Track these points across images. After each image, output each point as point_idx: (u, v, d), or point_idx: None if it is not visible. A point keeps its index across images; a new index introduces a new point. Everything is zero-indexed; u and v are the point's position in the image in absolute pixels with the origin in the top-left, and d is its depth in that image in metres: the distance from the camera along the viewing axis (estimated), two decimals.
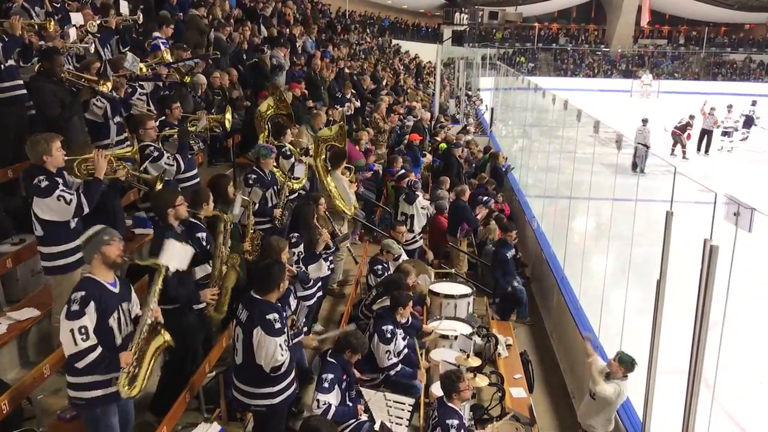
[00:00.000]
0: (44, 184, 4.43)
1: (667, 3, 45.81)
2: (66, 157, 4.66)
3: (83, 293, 3.59)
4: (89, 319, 3.57)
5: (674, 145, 20.59)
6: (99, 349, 3.60)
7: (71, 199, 4.49)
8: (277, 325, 4.24)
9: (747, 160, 20.34)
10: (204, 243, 5.02)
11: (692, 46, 48.04)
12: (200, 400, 5.01)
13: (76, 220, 4.66)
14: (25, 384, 4.16)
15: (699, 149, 21.18)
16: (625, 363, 5.94)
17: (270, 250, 5.09)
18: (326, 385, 4.78)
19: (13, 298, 5.25)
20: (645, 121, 18.48)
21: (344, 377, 4.95)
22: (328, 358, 4.99)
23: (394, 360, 5.82)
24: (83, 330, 3.56)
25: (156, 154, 5.78)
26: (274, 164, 7.11)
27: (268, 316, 4.22)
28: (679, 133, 20.41)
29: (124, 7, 7.96)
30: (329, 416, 4.72)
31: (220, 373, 4.99)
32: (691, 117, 20.61)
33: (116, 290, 3.78)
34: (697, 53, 47.36)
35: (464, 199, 9.94)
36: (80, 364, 3.59)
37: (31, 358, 4.97)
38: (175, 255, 4.25)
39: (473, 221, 9.86)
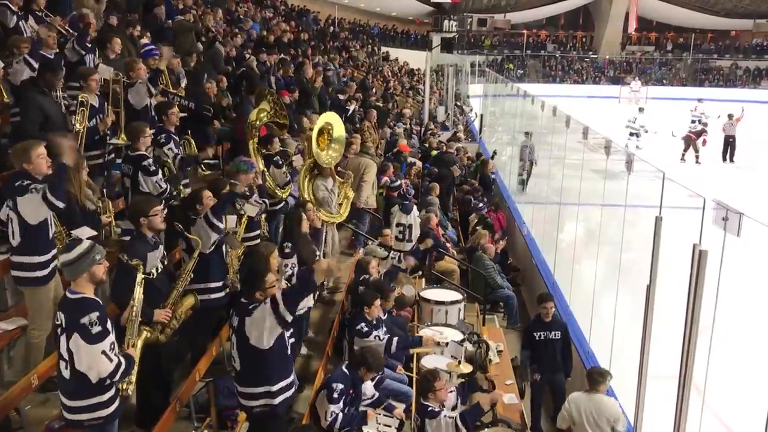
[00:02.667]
0: (25, 183, 4.38)
1: (655, 10, 46.16)
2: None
3: (97, 313, 3.55)
4: (113, 335, 3.61)
5: (685, 150, 20.57)
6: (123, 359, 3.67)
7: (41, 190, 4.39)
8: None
9: (736, 165, 20.47)
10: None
11: (679, 53, 48.42)
12: (191, 410, 4.98)
13: (53, 231, 4.61)
14: (13, 394, 4.10)
15: (725, 158, 20.86)
16: (595, 375, 5.99)
17: (258, 256, 5.07)
18: (335, 395, 4.82)
19: (1, 308, 5.20)
20: (528, 134, 15.57)
21: (351, 391, 4.94)
22: (343, 369, 5.04)
23: (381, 340, 5.83)
24: (113, 346, 3.59)
25: (152, 169, 5.76)
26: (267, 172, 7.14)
27: (249, 307, 4.27)
28: (694, 137, 20.37)
29: (107, 72, 7.03)
30: (336, 426, 4.82)
31: (210, 382, 4.97)
32: (705, 124, 20.61)
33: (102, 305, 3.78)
34: (684, 59, 47.72)
35: (431, 226, 9.73)
36: (116, 378, 3.63)
37: (20, 367, 4.91)
38: None
39: (442, 246, 9.80)
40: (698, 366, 4.77)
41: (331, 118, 8.02)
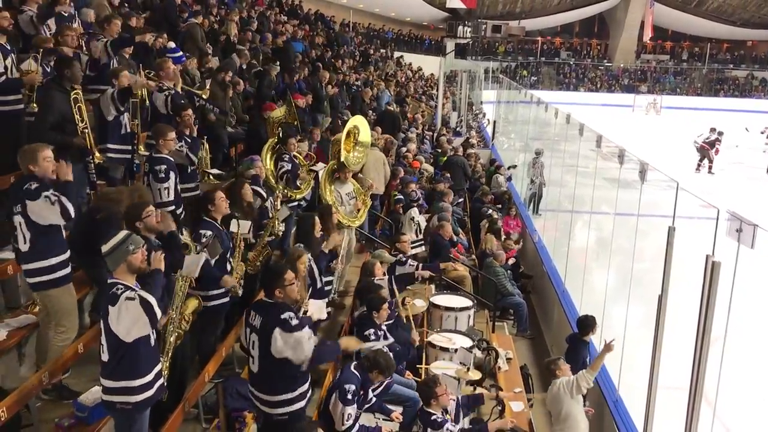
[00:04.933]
0: (33, 186, 4.36)
1: (670, 19, 45.98)
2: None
3: (124, 288, 3.65)
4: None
5: (701, 160, 20.73)
6: None
7: (55, 201, 4.39)
8: (294, 322, 4.16)
9: (750, 176, 20.35)
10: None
11: (694, 62, 48.20)
12: (199, 411, 4.99)
13: (63, 233, 4.61)
14: (23, 391, 4.13)
15: None
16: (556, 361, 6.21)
17: (286, 259, 5.08)
18: (349, 396, 4.74)
19: (13, 305, 5.24)
20: (539, 153, 14.74)
21: (361, 392, 4.93)
22: (353, 370, 4.96)
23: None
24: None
25: (161, 176, 5.74)
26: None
27: (282, 315, 4.15)
28: (707, 147, 20.56)
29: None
30: (354, 429, 4.78)
31: (219, 383, 4.98)
32: (720, 133, 20.73)
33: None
34: (699, 69, 47.51)
35: (442, 233, 9.44)
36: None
37: (30, 365, 4.95)
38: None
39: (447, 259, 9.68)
40: (709, 377, 4.74)
41: (358, 121, 8.11)
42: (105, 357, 3.74)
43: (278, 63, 11.68)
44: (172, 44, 8.80)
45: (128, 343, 3.65)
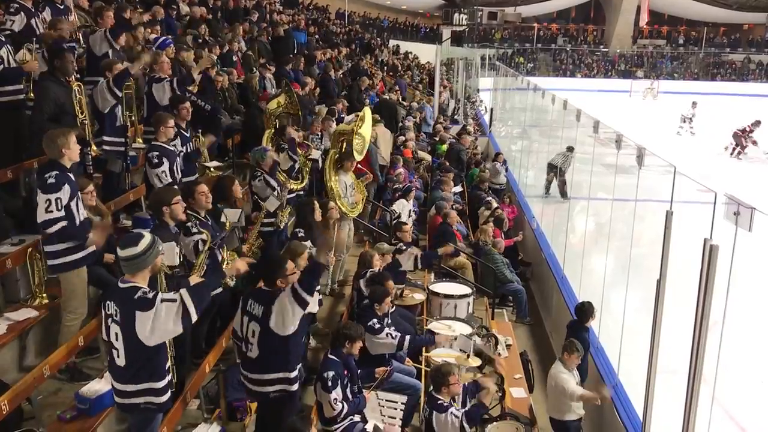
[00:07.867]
0: (50, 181, 4.41)
1: (666, 3, 45.84)
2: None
3: (151, 291, 3.56)
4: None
5: (736, 146, 21.13)
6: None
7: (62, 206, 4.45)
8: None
9: (747, 159, 20.37)
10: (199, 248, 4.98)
11: (691, 47, 48.08)
12: (201, 401, 5.01)
13: (81, 216, 4.64)
14: (25, 384, 4.15)
15: None
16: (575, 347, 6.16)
17: (287, 252, 5.09)
18: (330, 383, 4.81)
19: (13, 299, 5.24)
20: (571, 149, 13.69)
21: (345, 373, 4.97)
22: (329, 356, 5.03)
23: (393, 339, 5.86)
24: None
25: (155, 161, 5.78)
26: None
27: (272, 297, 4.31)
28: (741, 134, 21.05)
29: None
30: (343, 413, 4.83)
31: (220, 373, 4.99)
32: (757, 122, 21.07)
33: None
34: (696, 53, 47.40)
35: (449, 222, 9.61)
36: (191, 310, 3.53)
37: (31, 358, 4.96)
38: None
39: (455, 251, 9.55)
40: (708, 361, 4.75)
41: (366, 113, 8.10)
42: (122, 362, 3.61)
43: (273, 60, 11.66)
44: (151, 35, 8.73)
45: (150, 347, 3.54)
